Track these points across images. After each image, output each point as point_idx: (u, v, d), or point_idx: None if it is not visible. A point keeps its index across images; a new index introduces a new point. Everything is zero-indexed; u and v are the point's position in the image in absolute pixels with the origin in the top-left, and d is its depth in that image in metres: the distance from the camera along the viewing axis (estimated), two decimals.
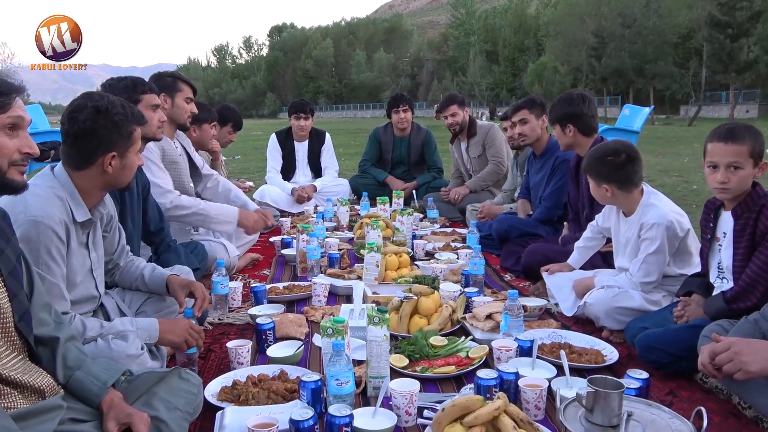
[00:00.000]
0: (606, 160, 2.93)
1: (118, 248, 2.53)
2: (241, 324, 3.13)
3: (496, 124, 6.15)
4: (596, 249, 3.41)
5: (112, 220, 2.43)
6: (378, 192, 6.10)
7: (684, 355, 2.40)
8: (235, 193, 4.36)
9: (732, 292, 2.38)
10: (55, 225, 2.03)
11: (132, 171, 2.25)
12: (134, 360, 2.07)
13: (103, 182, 2.20)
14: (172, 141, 3.96)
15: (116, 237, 2.50)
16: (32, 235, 1.96)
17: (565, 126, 3.72)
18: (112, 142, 2.15)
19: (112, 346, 2.06)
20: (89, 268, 2.25)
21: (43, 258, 2.00)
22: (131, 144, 2.21)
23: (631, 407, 1.89)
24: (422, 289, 2.99)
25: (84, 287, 2.23)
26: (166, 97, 3.81)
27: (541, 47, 60.56)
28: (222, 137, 5.52)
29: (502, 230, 4.41)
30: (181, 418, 1.84)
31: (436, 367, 2.50)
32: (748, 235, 2.38)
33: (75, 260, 2.15)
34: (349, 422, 1.89)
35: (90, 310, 2.28)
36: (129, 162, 2.22)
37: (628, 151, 2.93)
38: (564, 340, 2.75)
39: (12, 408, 1.55)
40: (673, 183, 8.66)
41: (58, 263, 2.06)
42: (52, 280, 2.03)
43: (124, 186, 2.27)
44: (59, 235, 2.05)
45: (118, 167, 2.19)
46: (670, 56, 44.51)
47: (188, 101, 3.90)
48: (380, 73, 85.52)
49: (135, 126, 2.22)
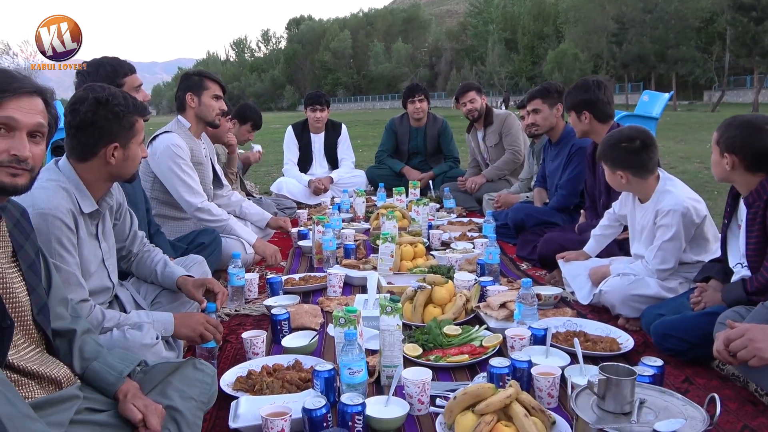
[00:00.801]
0: (620, 147, 2.90)
1: (130, 234, 2.56)
2: (257, 315, 3.16)
3: (513, 113, 6.11)
4: (613, 237, 3.38)
5: (121, 207, 2.46)
6: (394, 183, 6.10)
7: (700, 342, 2.38)
8: (246, 205, 4.41)
9: (754, 286, 2.34)
10: (63, 215, 2.06)
11: (135, 162, 2.27)
12: (149, 349, 2.10)
13: (107, 174, 2.22)
14: (200, 141, 4.00)
15: (127, 223, 2.53)
16: (42, 228, 1.99)
17: (580, 113, 3.68)
18: (113, 133, 2.16)
19: (127, 335, 2.09)
20: (101, 258, 2.28)
21: (55, 249, 2.03)
22: (133, 135, 2.22)
23: (644, 394, 1.88)
24: (436, 279, 2.99)
25: (97, 278, 2.26)
26: (192, 96, 3.84)
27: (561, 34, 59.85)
28: (241, 135, 5.56)
29: (518, 219, 4.39)
30: (196, 407, 1.86)
31: (450, 356, 2.51)
32: (758, 224, 2.35)
33: (86, 251, 2.19)
34: (361, 411, 1.90)
35: (105, 301, 2.32)
36: (132, 153, 2.23)
37: (643, 137, 2.90)
38: (579, 329, 2.74)
39: (30, 398, 1.58)
40: (694, 169, 8.54)
41: (71, 252, 2.09)
42: (68, 269, 2.06)
43: (128, 177, 2.29)
44: (68, 225, 2.08)
45: (121, 158, 2.20)
46: (693, 41, 43.72)
47: (216, 98, 3.89)
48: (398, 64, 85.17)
49: (137, 117, 2.23)
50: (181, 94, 3.90)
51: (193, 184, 3.74)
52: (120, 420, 1.71)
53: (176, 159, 3.67)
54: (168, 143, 3.68)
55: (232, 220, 3.90)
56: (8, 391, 1.38)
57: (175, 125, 3.87)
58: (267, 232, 4.58)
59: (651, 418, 1.78)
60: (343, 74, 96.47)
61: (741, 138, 2.36)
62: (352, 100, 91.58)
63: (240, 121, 5.54)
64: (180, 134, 3.79)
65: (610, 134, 3.07)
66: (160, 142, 3.69)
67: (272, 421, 1.87)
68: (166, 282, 2.59)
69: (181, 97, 3.89)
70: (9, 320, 1.53)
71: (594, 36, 48.05)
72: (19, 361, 1.60)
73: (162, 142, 3.68)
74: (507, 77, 64.96)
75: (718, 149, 2.45)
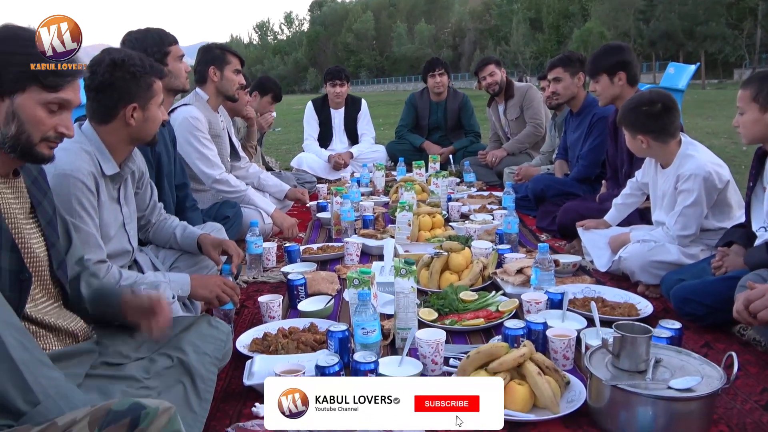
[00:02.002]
0: (641, 110, 2.84)
1: (150, 204, 2.58)
2: (275, 282, 3.17)
3: (534, 86, 6.02)
4: (634, 207, 3.31)
5: (143, 177, 2.48)
6: (415, 158, 6.06)
7: (721, 307, 2.33)
8: (264, 177, 4.43)
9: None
10: (84, 177, 2.08)
11: (155, 124, 2.27)
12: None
13: (127, 135, 2.23)
14: (218, 114, 4.01)
15: (148, 193, 2.55)
16: (62, 188, 2.01)
17: (615, 74, 3.60)
18: (132, 94, 2.17)
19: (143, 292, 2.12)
20: (121, 222, 2.31)
21: (75, 209, 2.06)
22: (152, 96, 2.23)
23: (660, 354, 1.85)
24: (453, 246, 2.98)
25: (117, 241, 2.29)
26: (215, 70, 3.85)
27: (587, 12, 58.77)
28: (262, 107, 5.57)
29: (539, 189, 4.34)
30: (210, 363, 1.88)
31: (465, 320, 2.50)
32: None
33: (107, 214, 2.21)
34: (374, 368, 1.90)
35: (124, 264, 2.34)
36: (151, 114, 2.24)
37: (664, 100, 2.84)
38: (597, 295, 2.71)
39: (47, 349, 1.62)
40: (721, 144, 8.37)
41: (91, 214, 2.11)
42: (87, 230, 2.09)
43: (149, 140, 2.30)
44: (89, 187, 2.10)
45: (141, 120, 2.21)
46: (723, 17, 42.68)
47: (236, 73, 3.91)
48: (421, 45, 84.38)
49: (154, 78, 2.23)
50: (202, 67, 3.90)
51: (211, 156, 3.77)
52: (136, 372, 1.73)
53: (194, 131, 3.69)
54: (186, 115, 3.69)
55: (250, 190, 3.92)
56: (25, 339, 1.40)
57: (194, 98, 3.88)
58: (285, 204, 4.60)
59: (666, 377, 1.76)
60: (365, 56, 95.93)
61: None
62: (374, 81, 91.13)
63: (261, 93, 5.55)
64: (198, 107, 3.80)
65: (630, 98, 3.01)
66: (178, 114, 3.70)
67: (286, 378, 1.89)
68: (186, 243, 2.61)
69: (202, 71, 3.89)
70: (27, 273, 1.57)
71: (621, 13, 47.13)
72: (37, 313, 1.63)
73: (180, 115, 3.70)
74: (532, 57, 64.08)
75: (757, 106, 2.34)
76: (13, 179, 1.63)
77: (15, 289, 1.52)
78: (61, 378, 1.42)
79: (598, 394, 1.79)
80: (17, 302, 1.52)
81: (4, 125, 1.53)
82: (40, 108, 1.55)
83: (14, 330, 1.37)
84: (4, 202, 1.56)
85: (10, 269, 1.51)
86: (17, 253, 1.54)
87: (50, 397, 1.35)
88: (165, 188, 2.91)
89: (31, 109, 1.54)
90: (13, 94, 1.52)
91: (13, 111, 1.52)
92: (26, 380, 1.33)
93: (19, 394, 1.32)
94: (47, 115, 1.56)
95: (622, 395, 1.71)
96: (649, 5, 44.09)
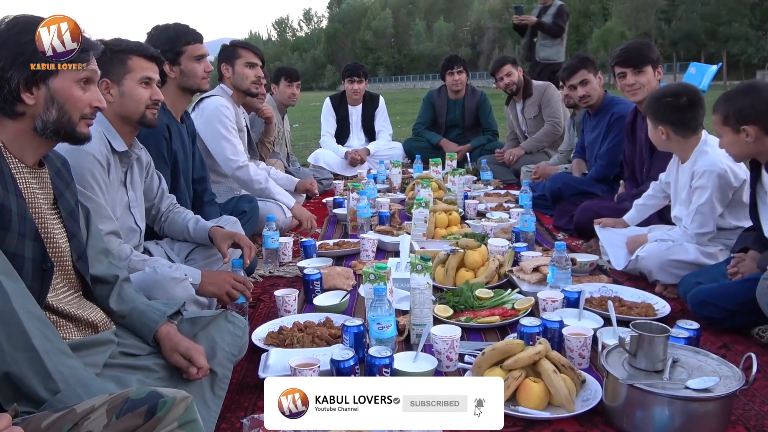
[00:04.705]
0: (665, 101, 2.82)
1: (158, 193, 2.60)
2: (291, 277, 3.19)
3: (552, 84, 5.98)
4: (655, 209, 3.26)
5: (149, 166, 2.51)
6: (431, 155, 6.03)
7: (739, 310, 2.32)
8: (273, 171, 4.43)
9: None
10: (95, 152, 2.13)
11: (136, 101, 2.27)
12: (179, 283, 2.13)
13: (112, 113, 2.25)
14: (240, 109, 4.03)
15: (155, 182, 2.58)
16: (74, 162, 2.00)
17: (656, 68, 3.43)
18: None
19: (157, 269, 2.14)
20: (126, 203, 2.34)
21: (87, 181, 2.10)
22: (127, 71, 2.25)
23: (678, 354, 1.84)
24: (469, 242, 2.97)
25: (123, 221, 2.31)
26: (226, 66, 3.88)
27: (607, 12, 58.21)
28: (282, 94, 5.54)
29: (556, 188, 4.32)
30: (225, 358, 1.90)
31: (481, 317, 2.49)
32: None
33: (113, 194, 2.24)
34: (389, 363, 1.91)
35: (134, 243, 2.36)
36: (128, 89, 2.25)
37: (690, 95, 2.81)
38: (614, 294, 2.69)
39: (67, 339, 1.63)
40: None
41: (102, 189, 2.16)
42: (99, 201, 2.13)
43: (137, 118, 2.29)
44: (100, 161, 2.15)
45: (118, 95, 2.24)
46: (746, 17, 42.07)
47: (251, 66, 3.87)
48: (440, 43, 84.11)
49: (130, 55, 2.25)
50: (217, 66, 3.97)
51: (238, 144, 3.80)
52: (153, 363, 1.75)
53: (223, 119, 3.74)
54: (217, 104, 3.75)
55: (270, 182, 3.92)
56: (46, 329, 1.42)
57: (220, 90, 3.92)
58: (298, 198, 4.62)
59: (684, 377, 1.75)
60: (384, 54, 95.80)
61: (752, 104, 2.28)
62: (392, 79, 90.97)
63: (275, 81, 5.53)
64: (225, 99, 3.85)
65: (658, 89, 2.99)
66: (209, 103, 3.77)
67: (301, 371, 1.89)
68: (198, 235, 2.62)
69: (219, 70, 3.95)
70: (50, 263, 1.58)
71: (642, 13, 46.67)
72: (58, 303, 1.65)
73: (210, 104, 3.76)
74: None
75: (729, 128, 2.36)
76: (38, 170, 1.65)
77: (37, 278, 1.54)
78: (81, 367, 1.45)
79: (615, 393, 1.78)
80: (39, 292, 1.54)
81: (44, 112, 1.57)
82: (75, 86, 1.60)
83: (36, 320, 1.40)
84: (29, 191, 1.59)
85: (33, 258, 1.53)
86: (40, 243, 1.56)
87: (70, 386, 1.37)
88: (181, 185, 2.91)
89: (68, 89, 1.59)
90: (47, 78, 1.56)
91: (51, 96, 1.57)
92: (47, 369, 1.35)
93: (40, 382, 1.34)
94: (82, 92, 1.62)
95: (639, 394, 1.70)
96: (671, 5, 43.63)
